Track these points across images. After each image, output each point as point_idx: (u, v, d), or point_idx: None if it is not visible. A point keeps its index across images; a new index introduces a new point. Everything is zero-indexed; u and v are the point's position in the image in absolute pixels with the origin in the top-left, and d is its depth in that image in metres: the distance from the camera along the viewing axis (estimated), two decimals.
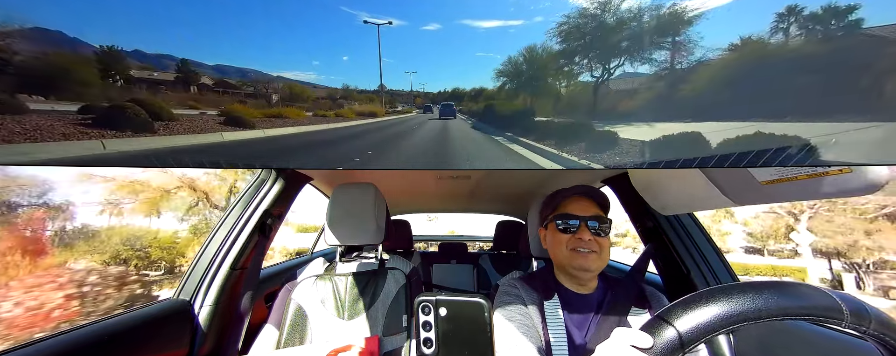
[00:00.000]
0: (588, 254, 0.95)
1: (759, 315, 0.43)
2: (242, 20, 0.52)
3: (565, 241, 0.98)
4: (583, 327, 0.95)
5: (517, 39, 0.51)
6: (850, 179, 0.73)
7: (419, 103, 0.68)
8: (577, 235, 0.97)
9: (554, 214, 1.04)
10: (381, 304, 1.29)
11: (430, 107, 0.69)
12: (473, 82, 0.58)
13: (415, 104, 0.68)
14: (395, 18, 0.51)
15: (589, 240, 0.95)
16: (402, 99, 0.67)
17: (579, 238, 0.96)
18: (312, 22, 0.52)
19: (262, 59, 0.55)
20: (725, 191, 1.07)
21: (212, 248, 1.43)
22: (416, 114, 0.70)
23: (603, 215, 1.01)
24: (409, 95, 0.65)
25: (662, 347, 0.45)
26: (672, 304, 0.48)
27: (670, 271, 1.47)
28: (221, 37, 0.52)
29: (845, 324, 0.44)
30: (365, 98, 0.65)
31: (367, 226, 1.32)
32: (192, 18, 0.51)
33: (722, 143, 0.53)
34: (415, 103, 0.68)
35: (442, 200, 3.12)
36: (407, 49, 0.53)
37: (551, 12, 0.50)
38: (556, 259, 1.03)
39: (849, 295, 0.46)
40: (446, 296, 0.55)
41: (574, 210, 1.00)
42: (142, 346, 1.12)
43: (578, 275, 0.98)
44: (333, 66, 0.56)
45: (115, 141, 0.57)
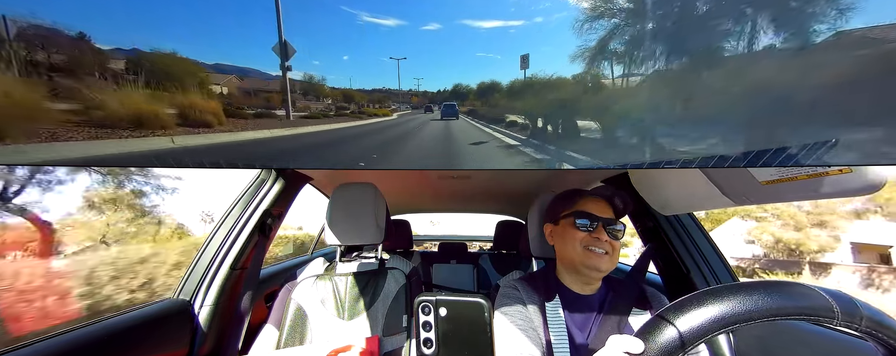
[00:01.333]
0: (602, 255, 0.95)
1: (751, 316, 0.44)
2: (241, 19, 0.52)
3: (580, 239, 0.98)
4: (584, 328, 0.95)
5: (518, 39, 0.51)
6: (850, 179, 0.73)
7: (416, 102, 0.67)
8: (595, 235, 0.97)
9: (570, 211, 1.02)
10: (381, 304, 1.29)
11: (431, 106, 0.68)
12: (474, 81, 0.58)
13: (411, 103, 0.68)
14: (396, 18, 0.51)
15: (605, 240, 0.96)
16: (398, 99, 0.66)
17: (596, 237, 0.96)
18: (312, 21, 0.52)
19: (261, 58, 0.55)
20: (725, 191, 1.07)
21: (212, 248, 1.43)
22: (397, 117, 0.69)
23: (620, 219, 1.02)
24: (406, 95, 0.64)
25: (656, 352, 0.45)
26: (664, 308, 0.48)
27: (670, 271, 1.47)
28: (219, 36, 0.52)
29: (837, 322, 0.44)
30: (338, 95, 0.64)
31: (367, 226, 1.32)
32: (189, 17, 0.51)
33: (722, 143, 0.53)
34: (411, 103, 0.68)
35: (442, 200, 3.12)
36: (407, 49, 0.53)
37: (551, 12, 0.50)
38: (565, 256, 1.02)
39: (841, 292, 0.46)
40: (446, 297, 0.55)
41: (593, 210, 1.00)
42: (142, 346, 1.12)
43: (588, 274, 0.97)
44: (334, 65, 0.56)
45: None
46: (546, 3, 0.50)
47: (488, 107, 0.63)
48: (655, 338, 0.46)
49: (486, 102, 0.62)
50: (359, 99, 0.66)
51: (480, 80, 0.57)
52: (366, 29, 0.51)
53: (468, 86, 0.59)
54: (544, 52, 0.53)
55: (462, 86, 0.59)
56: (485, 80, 0.57)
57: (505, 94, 0.58)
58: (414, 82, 0.58)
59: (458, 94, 0.61)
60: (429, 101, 0.67)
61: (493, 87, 0.58)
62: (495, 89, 0.58)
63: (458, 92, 0.61)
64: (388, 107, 0.68)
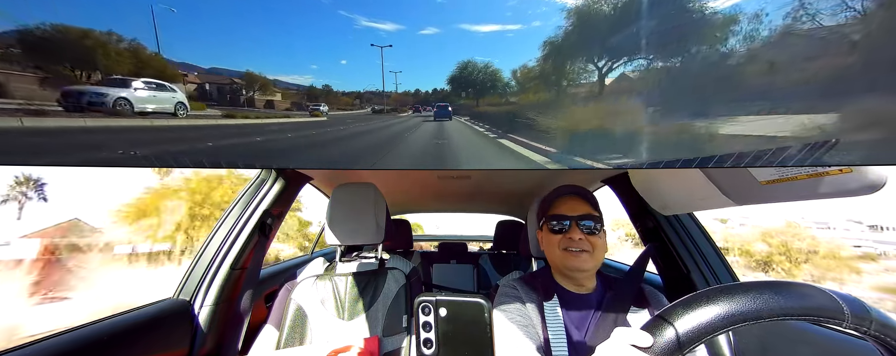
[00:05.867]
0: (579, 254, 0.95)
1: (760, 315, 0.43)
2: (237, 23, 0.52)
3: (557, 242, 0.98)
4: (582, 327, 0.95)
5: (515, 44, 0.51)
6: (850, 179, 0.73)
7: (392, 104, 0.63)
8: (568, 235, 0.97)
9: (546, 215, 1.04)
10: (380, 304, 1.29)
11: (419, 107, 0.65)
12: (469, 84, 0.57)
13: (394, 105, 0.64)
14: (393, 22, 0.50)
15: (580, 239, 0.96)
16: (377, 100, 0.63)
17: (570, 238, 0.96)
18: (310, 25, 0.52)
19: (257, 62, 0.54)
20: (725, 191, 1.07)
21: (212, 248, 1.43)
22: (326, 119, 0.65)
23: (594, 213, 1.00)
24: (401, 97, 0.61)
25: (662, 346, 0.45)
26: (673, 304, 0.48)
27: (670, 271, 1.47)
28: (215, 39, 0.52)
29: (846, 324, 0.44)
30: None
31: (367, 226, 1.32)
32: (185, 20, 0.51)
33: (722, 143, 0.53)
34: (384, 103, 0.63)
35: (442, 200, 3.12)
36: (404, 53, 0.53)
37: (548, 17, 0.50)
38: (550, 260, 1.04)
39: (850, 295, 0.46)
40: (446, 297, 0.55)
41: (564, 210, 1.00)
42: (142, 346, 1.12)
43: (573, 276, 0.98)
44: (331, 69, 0.55)
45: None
46: (543, 8, 0.50)
47: (485, 108, 0.63)
48: (663, 333, 0.45)
49: (482, 104, 0.62)
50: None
51: (476, 82, 0.57)
52: (364, 33, 0.51)
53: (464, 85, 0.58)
54: (541, 55, 0.52)
55: (458, 81, 0.58)
56: (480, 82, 0.57)
57: (501, 96, 0.58)
58: (391, 82, 0.57)
59: (452, 93, 0.59)
60: (417, 103, 0.64)
61: (489, 89, 0.58)
62: (492, 91, 0.58)
63: (452, 92, 0.59)
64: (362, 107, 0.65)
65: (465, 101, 0.62)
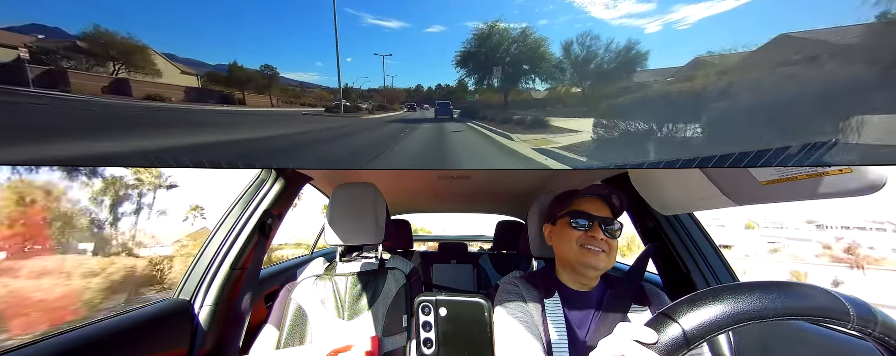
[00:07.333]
0: (598, 253, 0.96)
1: (765, 315, 0.43)
2: (244, 20, 0.52)
3: (576, 238, 0.99)
4: (584, 325, 0.95)
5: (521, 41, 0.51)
6: (850, 179, 0.73)
7: (377, 99, 0.61)
8: (590, 233, 0.97)
9: (567, 211, 1.04)
10: (381, 304, 1.29)
11: (414, 105, 0.63)
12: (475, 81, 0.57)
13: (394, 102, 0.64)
14: (399, 20, 0.51)
15: (601, 239, 0.96)
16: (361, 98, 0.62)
17: (592, 236, 0.97)
18: (316, 23, 0.52)
19: (265, 59, 0.55)
20: (725, 191, 1.07)
21: (212, 248, 1.43)
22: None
23: (617, 220, 1.02)
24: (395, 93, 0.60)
25: (667, 343, 0.45)
26: (678, 301, 0.48)
27: (670, 271, 1.47)
28: (223, 36, 0.52)
29: (851, 325, 0.44)
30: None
31: (367, 226, 1.32)
32: (192, 18, 0.51)
33: (722, 143, 0.53)
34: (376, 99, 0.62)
35: (442, 200, 3.12)
36: (409, 50, 0.53)
37: (555, 15, 0.50)
38: (563, 255, 1.03)
39: (855, 297, 0.45)
40: (446, 297, 0.55)
41: (589, 209, 1.01)
42: (142, 346, 1.12)
43: (585, 273, 0.98)
44: (333, 67, 0.56)
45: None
46: (550, 7, 0.50)
47: (487, 107, 0.63)
48: (667, 330, 0.45)
49: (485, 103, 0.62)
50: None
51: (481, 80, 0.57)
52: (370, 30, 0.51)
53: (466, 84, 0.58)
54: (545, 54, 0.53)
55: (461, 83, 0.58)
56: (515, 58, 0.56)
57: (505, 94, 0.58)
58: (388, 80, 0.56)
59: (455, 92, 0.59)
60: (415, 101, 0.63)
61: (493, 88, 0.58)
62: (496, 89, 0.58)
63: (453, 87, 0.58)
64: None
65: (481, 94, 0.59)
